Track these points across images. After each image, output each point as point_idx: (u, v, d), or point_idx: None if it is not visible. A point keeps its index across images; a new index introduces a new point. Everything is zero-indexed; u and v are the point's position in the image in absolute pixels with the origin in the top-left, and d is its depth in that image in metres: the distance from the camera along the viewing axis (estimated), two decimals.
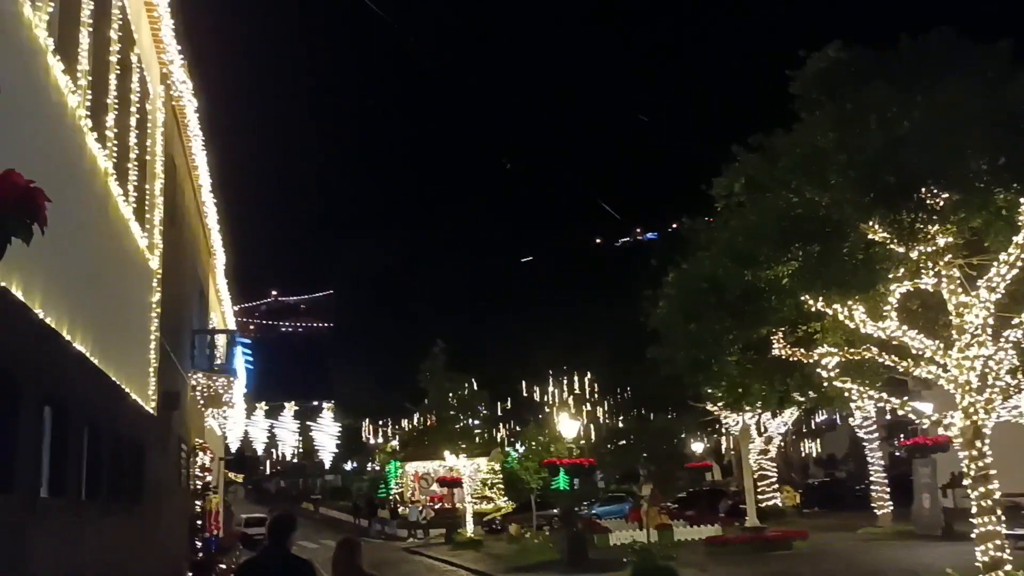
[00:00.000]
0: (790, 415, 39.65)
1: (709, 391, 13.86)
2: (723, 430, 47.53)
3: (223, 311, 30.95)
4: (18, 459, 6.59)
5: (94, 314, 9.54)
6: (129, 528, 11.77)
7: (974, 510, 11.36)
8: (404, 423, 58.50)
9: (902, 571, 14.88)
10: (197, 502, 20.47)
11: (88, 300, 9.31)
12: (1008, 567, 11.03)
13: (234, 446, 59.16)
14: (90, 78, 9.27)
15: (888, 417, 13.41)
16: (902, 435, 39.88)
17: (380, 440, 65.98)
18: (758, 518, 33.75)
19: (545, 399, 56.44)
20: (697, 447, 46.10)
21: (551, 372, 53.80)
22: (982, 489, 11.23)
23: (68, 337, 8.14)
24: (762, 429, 39.86)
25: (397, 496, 54.93)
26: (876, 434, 33.43)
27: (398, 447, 60.32)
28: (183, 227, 18.44)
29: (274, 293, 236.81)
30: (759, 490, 39.84)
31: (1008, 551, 11.28)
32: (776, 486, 40.89)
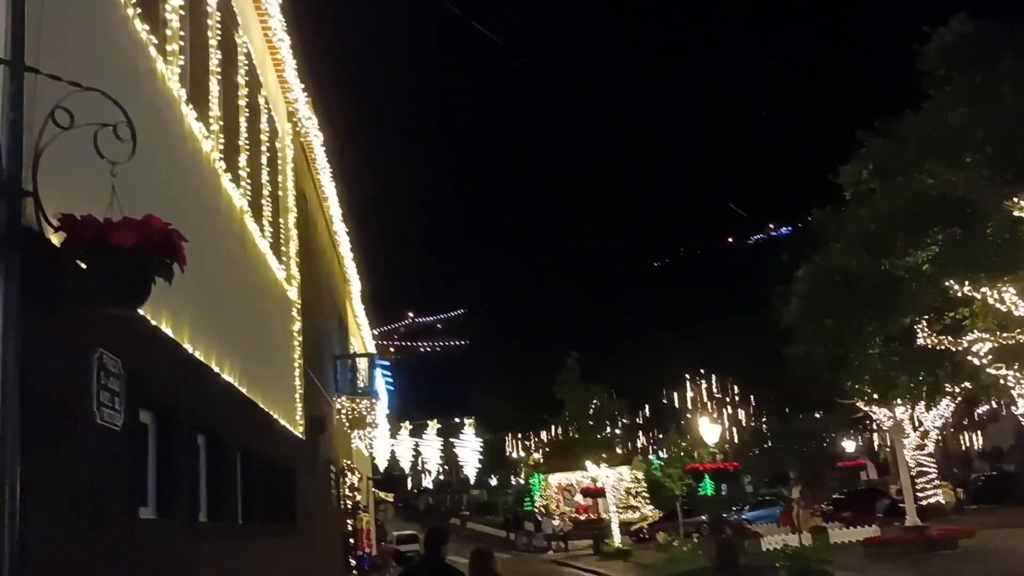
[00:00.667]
0: (946, 407, 37.62)
1: (852, 387, 13.29)
2: (875, 427, 45.52)
3: (362, 336, 31.96)
4: (177, 486, 7.00)
5: (239, 345, 10.04)
6: (285, 548, 12.28)
7: None
8: (544, 435, 58.69)
9: None
10: (348, 521, 21.16)
11: (232, 332, 9.81)
12: None
13: (382, 466, 60.84)
14: (221, 123, 9.80)
15: None
16: None
17: (522, 454, 66.47)
18: (919, 517, 32.14)
19: (685, 404, 55.53)
20: (848, 446, 44.27)
21: (688, 376, 52.95)
22: None
23: (216, 368, 8.60)
24: (916, 423, 37.98)
25: (542, 508, 55.12)
26: None
27: (540, 459, 60.57)
28: (318, 257, 19.19)
29: (411, 315, 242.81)
30: (918, 488, 37.95)
31: None
32: (936, 483, 38.83)
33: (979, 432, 58.68)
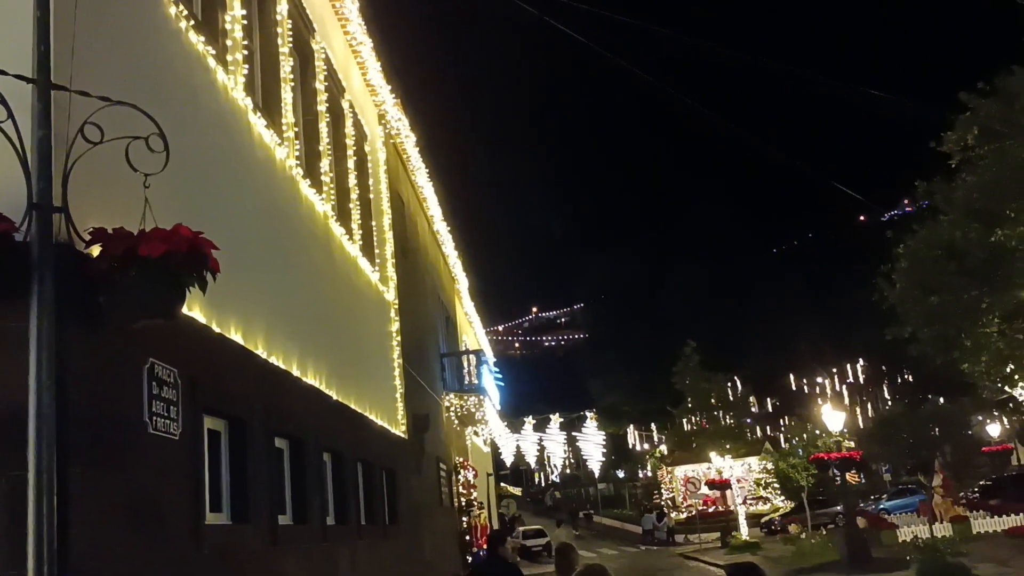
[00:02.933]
0: None
1: (971, 369, 12.33)
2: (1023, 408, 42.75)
3: (474, 332, 32.15)
4: (254, 491, 7.06)
5: (327, 349, 10.14)
6: (387, 548, 12.36)
7: None
8: (668, 427, 57.82)
9: None
10: (463, 519, 21.26)
11: (318, 336, 9.90)
12: None
13: (508, 460, 61.26)
14: (297, 129, 9.90)
15: None
16: None
17: (646, 446, 65.70)
18: None
19: (814, 391, 53.62)
20: (993, 429, 41.68)
21: (816, 362, 51.09)
22: None
23: (298, 373, 8.68)
24: None
25: (669, 501, 54.31)
26: None
27: (665, 452, 59.71)
28: (420, 257, 19.32)
29: (535, 310, 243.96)
30: None
31: None
32: None
33: None
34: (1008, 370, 12.30)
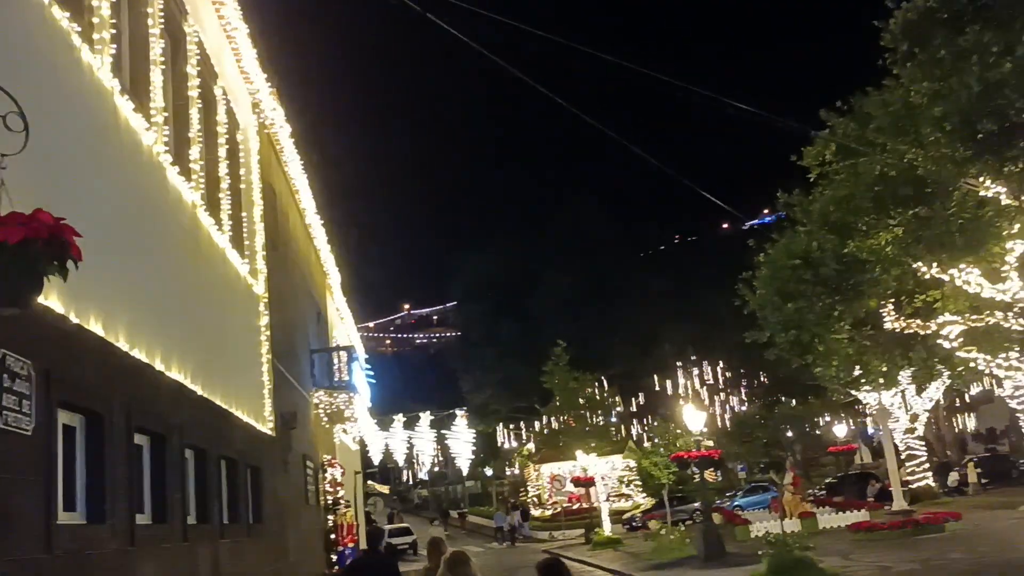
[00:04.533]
0: (936, 390, 37.53)
1: (824, 373, 13.07)
2: (867, 411, 45.51)
3: (346, 329, 31.72)
4: (111, 489, 6.78)
5: (193, 343, 9.81)
6: (251, 547, 12.06)
7: None
8: (536, 425, 58.60)
9: None
10: (330, 517, 20.94)
11: (184, 329, 9.57)
12: None
13: (376, 459, 60.64)
14: (166, 114, 9.54)
15: None
16: None
17: (515, 444, 66.37)
18: (911, 501, 32.09)
19: (677, 391, 55.41)
20: (840, 430, 44.20)
21: (679, 364, 52.84)
22: None
23: (161, 367, 8.37)
24: (908, 407, 37.91)
25: (534, 499, 55.09)
26: None
27: (532, 450, 60.48)
28: (289, 251, 18.92)
29: (406, 307, 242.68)
30: (908, 471, 37.93)
31: None
32: (925, 466, 38.81)
33: (972, 414, 58.59)
34: (856, 373, 13.09)
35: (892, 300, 11.84)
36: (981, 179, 10.54)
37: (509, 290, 70.57)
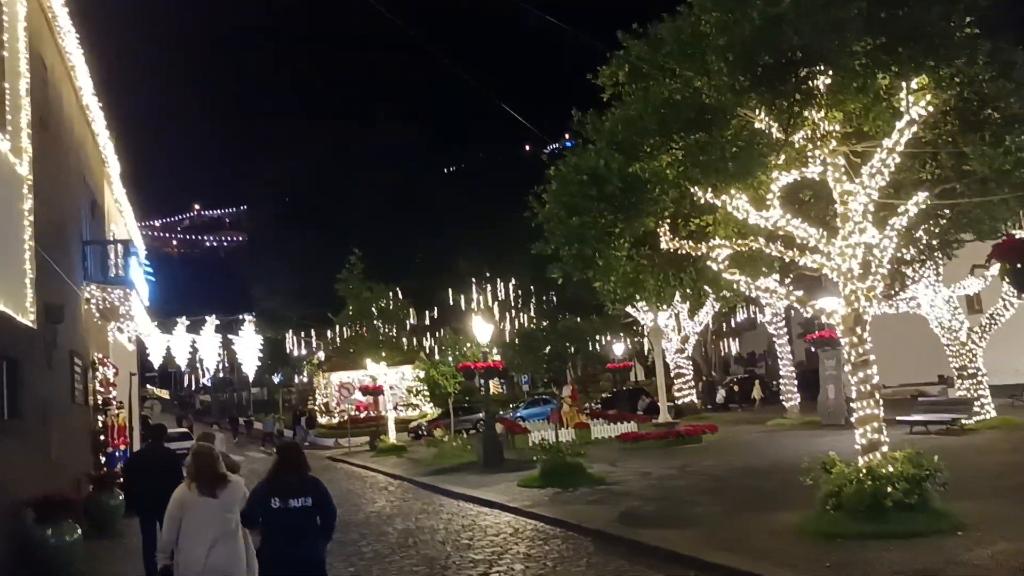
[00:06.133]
0: (706, 315, 40.46)
1: (602, 288, 13.72)
2: (644, 332, 48.35)
3: (125, 222, 29.83)
4: None
5: None
6: (5, 444, 11.34)
7: (854, 395, 11.62)
8: (329, 334, 58.05)
9: (797, 456, 15.36)
10: (100, 418, 19.97)
11: None
12: (884, 448, 11.34)
13: (157, 362, 58.05)
14: None
15: (808, 315, 13.50)
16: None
17: (305, 352, 65.55)
18: (676, 415, 34.75)
19: (471, 307, 56.48)
20: (618, 348, 46.86)
21: (475, 280, 53.72)
22: (861, 375, 11.45)
23: None
24: (681, 329, 40.69)
25: (322, 406, 54.98)
26: (785, 331, 34.51)
27: (323, 358, 60.04)
28: (62, 132, 17.44)
29: (197, 207, 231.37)
30: (676, 387, 40.94)
31: (886, 434, 11.59)
32: (691, 383, 42.03)
33: (736, 339, 63.64)
34: (631, 290, 13.84)
35: (669, 221, 12.54)
36: (757, 111, 11.21)
37: (306, 196, 68.68)
